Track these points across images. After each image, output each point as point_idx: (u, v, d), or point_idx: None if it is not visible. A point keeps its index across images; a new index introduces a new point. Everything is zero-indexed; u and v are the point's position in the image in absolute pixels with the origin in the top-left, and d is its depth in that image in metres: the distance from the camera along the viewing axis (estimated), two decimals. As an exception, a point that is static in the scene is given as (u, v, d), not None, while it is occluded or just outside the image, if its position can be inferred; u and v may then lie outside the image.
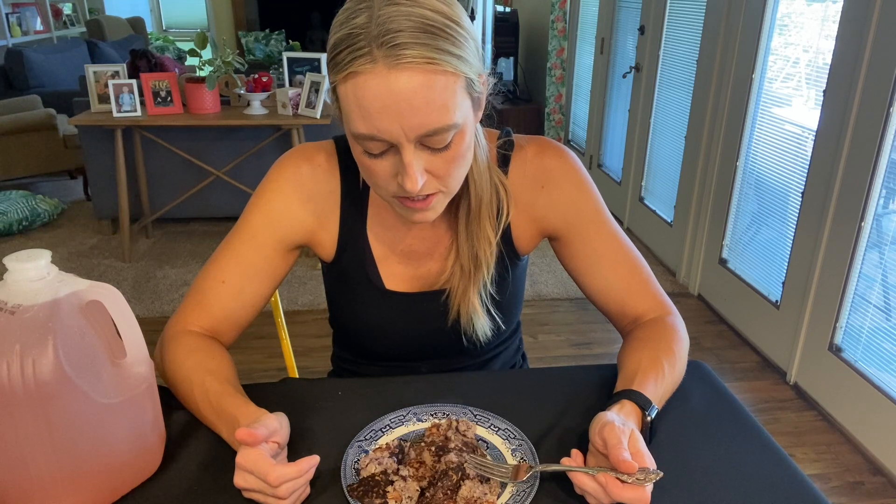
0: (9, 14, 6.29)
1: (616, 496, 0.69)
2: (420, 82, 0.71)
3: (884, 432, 2.05)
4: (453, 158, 0.79)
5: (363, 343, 1.06)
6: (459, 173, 0.82)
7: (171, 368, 0.88)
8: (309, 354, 2.58)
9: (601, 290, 0.99)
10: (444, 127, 0.74)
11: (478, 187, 0.91)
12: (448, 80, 0.73)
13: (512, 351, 1.16)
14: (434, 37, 0.71)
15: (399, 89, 0.71)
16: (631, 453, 0.70)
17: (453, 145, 0.77)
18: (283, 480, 0.68)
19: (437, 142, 0.76)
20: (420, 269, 0.99)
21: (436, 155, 0.77)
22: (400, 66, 0.70)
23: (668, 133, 3.43)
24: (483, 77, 0.81)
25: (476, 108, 0.82)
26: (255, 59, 7.41)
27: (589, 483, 0.70)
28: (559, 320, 2.95)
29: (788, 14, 2.58)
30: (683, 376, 0.93)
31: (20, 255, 0.67)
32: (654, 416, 0.80)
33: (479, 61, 0.79)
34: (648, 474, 0.69)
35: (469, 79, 0.76)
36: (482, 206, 0.91)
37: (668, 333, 0.93)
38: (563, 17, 4.70)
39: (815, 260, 2.30)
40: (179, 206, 3.66)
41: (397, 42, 0.70)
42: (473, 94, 0.79)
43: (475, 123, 0.83)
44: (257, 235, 0.95)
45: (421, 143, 0.76)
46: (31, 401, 0.64)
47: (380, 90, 0.71)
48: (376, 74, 0.71)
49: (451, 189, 0.83)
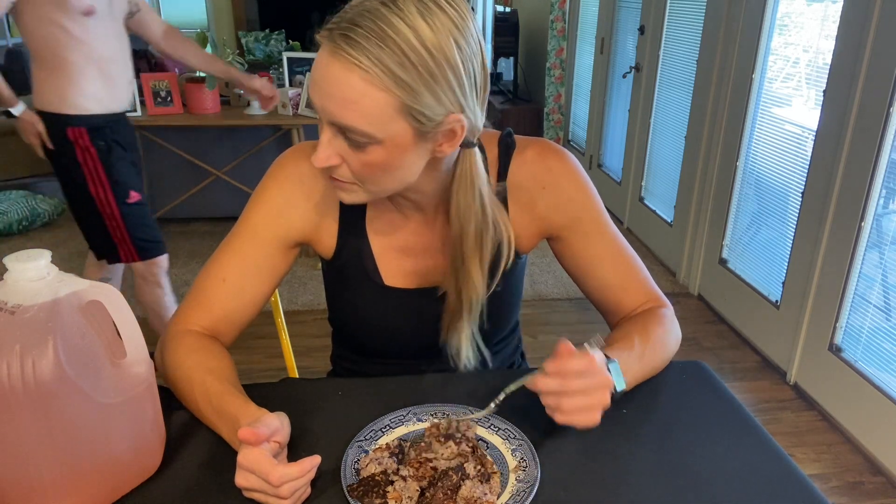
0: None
1: (570, 370, 0.75)
2: (345, 79, 0.74)
3: (884, 432, 2.05)
4: (366, 164, 0.80)
5: (362, 340, 1.07)
6: (377, 179, 0.82)
7: (172, 368, 0.88)
8: (309, 354, 2.58)
9: (600, 288, 1.01)
10: (355, 129, 0.76)
11: (462, 219, 0.87)
12: (377, 94, 0.74)
13: (511, 350, 1.16)
14: (385, 51, 0.72)
15: (328, 73, 0.75)
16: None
17: (369, 153, 0.78)
18: (285, 480, 0.68)
19: (352, 138, 0.78)
20: (418, 266, 1.00)
21: (352, 150, 0.79)
22: (338, 55, 0.73)
23: (668, 133, 3.43)
24: (455, 117, 0.78)
25: (426, 140, 0.79)
26: (255, 59, 7.39)
27: (548, 381, 0.76)
28: (559, 320, 2.95)
29: (788, 14, 2.58)
30: (679, 373, 0.94)
31: (20, 255, 0.67)
32: (610, 369, 0.82)
33: (450, 99, 0.76)
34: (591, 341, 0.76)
35: (410, 107, 0.75)
36: (466, 241, 0.88)
37: (649, 318, 0.96)
38: (562, 17, 4.70)
39: (815, 260, 2.30)
40: (179, 206, 3.66)
41: (350, 35, 0.73)
42: (418, 124, 0.77)
43: (427, 153, 0.82)
44: (258, 233, 0.95)
45: (340, 132, 0.78)
46: (31, 401, 0.64)
47: (319, 65, 0.76)
48: (323, 50, 0.75)
49: (371, 189, 0.84)
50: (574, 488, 0.75)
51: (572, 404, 0.76)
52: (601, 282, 1.00)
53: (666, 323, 0.96)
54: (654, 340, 0.93)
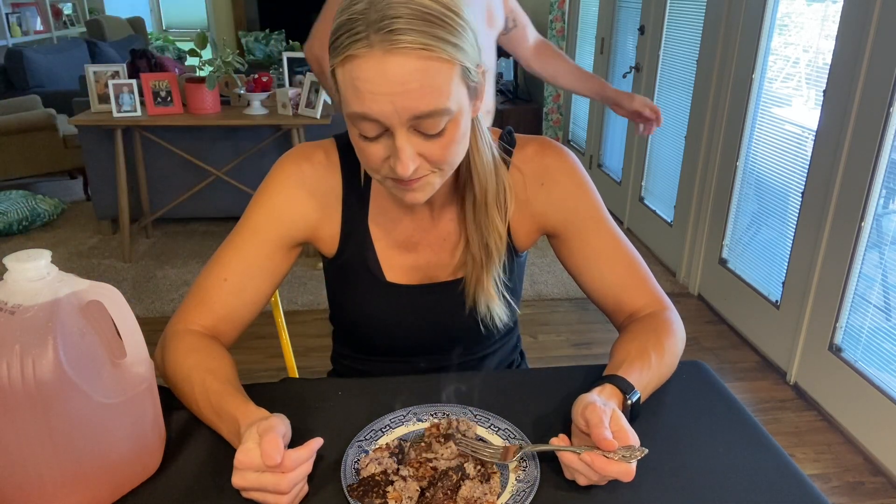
0: (9, 14, 6.29)
1: (603, 472, 0.71)
2: (414, 67, 0.73)
3: (884, 432, 2.05)
4: (447, 144, 0.80)
5: (364, 337, 1.07)
6: (454, 158, 0.83)
7: (172, 368, 0.88)
8: (309, 354, 2.58)
9: (599, 286, 1.01)
10: (436, 111, 0.75)
11: (482, 179, 0.92)
12: (443, 66, 0.74)
13: (510, 348, 1.17)
14: (431, 24, 0.73)
15: (393, 73, 0.73)
16: (613, 431, 0.72)
17: (447, 132, 0.79)
18: (298, 463, 0.69)
19: (430, 126, 0.77)
20: (421, 262, 1.00)
21: (429, 140, 0.79)
22: (395, 51, 0.72)
23: (668, 133, 3.43)
24: (481, 68, 0.82)
25: (473, 98, 0.83)
26: (255, 59, 7.40)
27: (576, 462, 0.72)
28: (559, 320, 2.95)
29: (788, 14, 2.58)
30: (679, 373, 0.94)
31: (20, 255, 0.67)
32: (634, 401, 0.82)
33: (476, 52, 0.80)
34: (633, 451, 0.71)
35: (465, 67, 0.77)
36: (488, 196, 0.92)
37: (660, 327, 0.95)
38: (561, 17, 4.70)
39: (815, 260, 2.30)
40: (179, 206, 3.66)
41: (394, 28, 0.72)
42: (469, 83, 0.80)
43: (472, 112, 0.84)
44: (259, 232, 0.95)
45: (414, 128, 0.77)
46: (31, 401, 0.64)
47: (374, 73, 0.73)
48: (372, 57, 0.73)
49: (445, 171, 0.84)
50: (574, 488, 0.75)
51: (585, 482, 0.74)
52: (600, 280, 1.00)
53: (676, 331, 0.96)
54: (667, 353, 0.92)
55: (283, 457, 0.68)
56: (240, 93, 3.36)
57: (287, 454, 0.68)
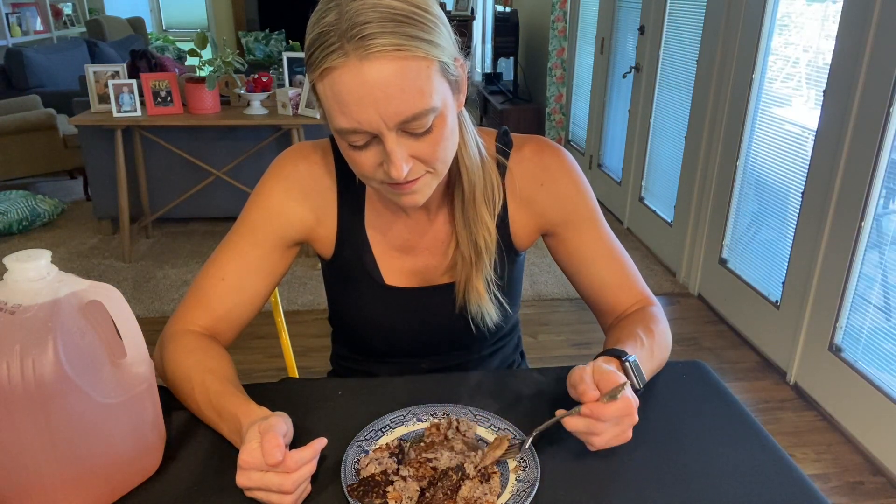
0: (9, 14, 6.29)
1: (606, 417, 0.74)
2: (392, 70, 0.72)
3: (884, 432, 2.05)
4: (437, 141, 0.79)
5: (362, 339, 1.07)
6: (445, 155, 0.83)
7: (171, 368, 0.88)
8: (309, 354, 2.58)
9: (594, 286, 1.02)
10: (421, 112, 0.75)
11: (470, 174, 0.92)
12: (420, 65, 0.74)
13: (511, 348, 1.17)
14: (402, 24, 0.72)
15: (373, 79, 0.72)
16: (597, 380, 0.76)
17: (435, 129, 0.78)
18: (302, 463, 0.69)
19: (418, 126, 0.77)
20: (418, 264, 1.00)
21: (419, 140, 0.78)
22: (370, 57, 0.72)
23: (668, 133, 3.43)
24: (459, 60, 0.82)
25: (455, 91, 0.82)
26: (255, 59, 7.41)
27: (579, 422, 0.75)
28: (559, 320, 2.95)
29: (788, 14, 2.58)
30: (679, 373, 0.95)
31: (20, 255, 0.67)
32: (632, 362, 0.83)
33: (452, 45, 0.79)
34: (617, 389, 0.74)
35: (443, 62, 0.77)
36: (476, 193, 0.92)
37: (646, 317, 0.97)
38: (563, 17, 4.70)
39: (815, 260, 2.30)
40: (179, 206, 3.66)
41: (366, 33, 0.71)
42: (450, 77, 0.79)
43: (457, 107, 0.84)
44: (256, 232, 0.95)
45: (402, 130, 0.77)
46: (31, 401, 0.64)
47: (354, 82, 0.73)
48: (349, 67, 0.72)
49: (439, 170, 0.84)
50: (574, 488, 0.75)
51: (602, 441, 0.76)
52: (596, 280, 1.01)
53: (662, 321, 0.98)
54: (657, 337, 0.94)
55: (285, 456, 0.68)
56: (240, 93, 3.36)
57: (291, 454, 0.68)
